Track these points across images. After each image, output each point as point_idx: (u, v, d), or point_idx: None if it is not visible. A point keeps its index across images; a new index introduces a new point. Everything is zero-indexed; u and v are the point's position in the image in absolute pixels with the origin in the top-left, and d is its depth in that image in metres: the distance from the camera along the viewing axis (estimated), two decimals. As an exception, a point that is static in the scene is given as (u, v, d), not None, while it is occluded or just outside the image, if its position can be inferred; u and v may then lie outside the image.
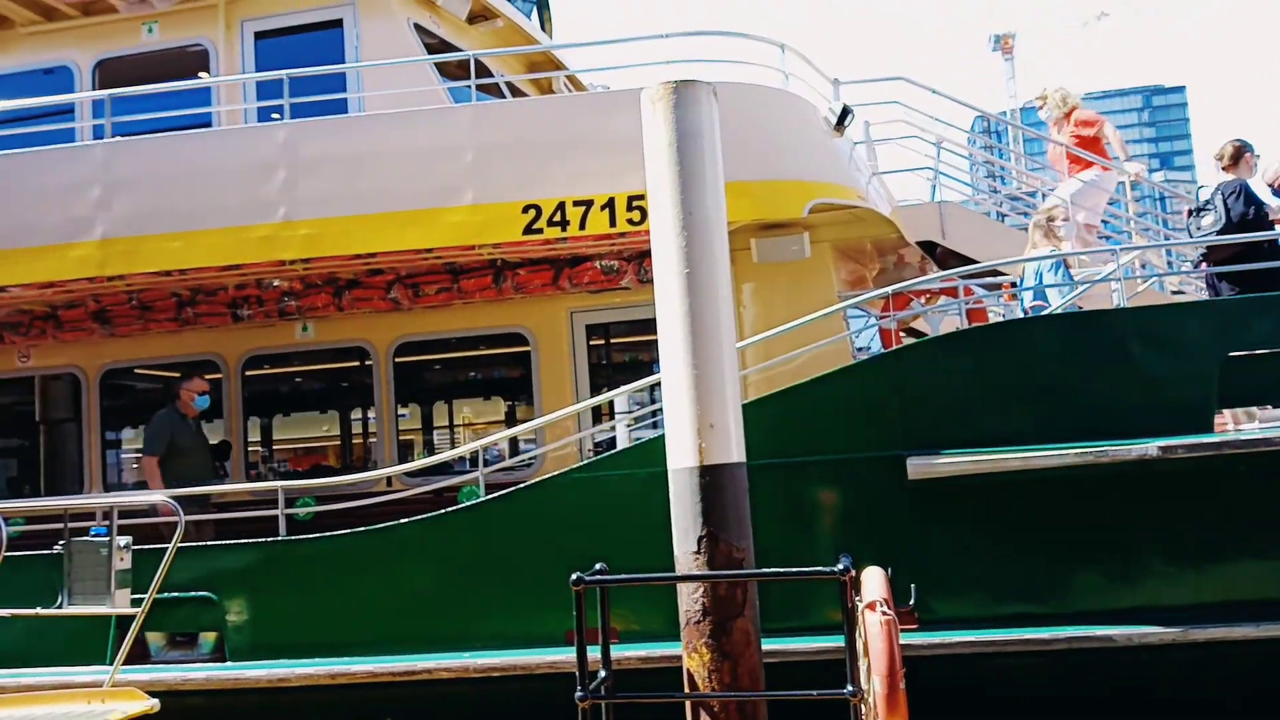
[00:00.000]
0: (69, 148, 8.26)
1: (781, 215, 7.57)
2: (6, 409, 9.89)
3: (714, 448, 4.71)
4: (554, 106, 8.72)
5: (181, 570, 6.32)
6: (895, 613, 4.38)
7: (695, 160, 4.84)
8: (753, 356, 7.40)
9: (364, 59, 8.93)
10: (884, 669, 4.15)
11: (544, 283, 8.22)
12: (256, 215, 7.50)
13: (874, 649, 4.22)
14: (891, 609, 4.37)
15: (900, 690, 4.12)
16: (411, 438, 9.53)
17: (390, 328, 8.85)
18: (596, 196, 7.21)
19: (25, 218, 7.83)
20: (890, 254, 9.58)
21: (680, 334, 4.77)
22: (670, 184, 4.85)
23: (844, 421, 6.24)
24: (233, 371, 9.12)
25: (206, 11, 9.44)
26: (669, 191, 4.85)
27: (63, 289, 8.05)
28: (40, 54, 9.85)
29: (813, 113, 7.92)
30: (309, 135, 7.68)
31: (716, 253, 4.84)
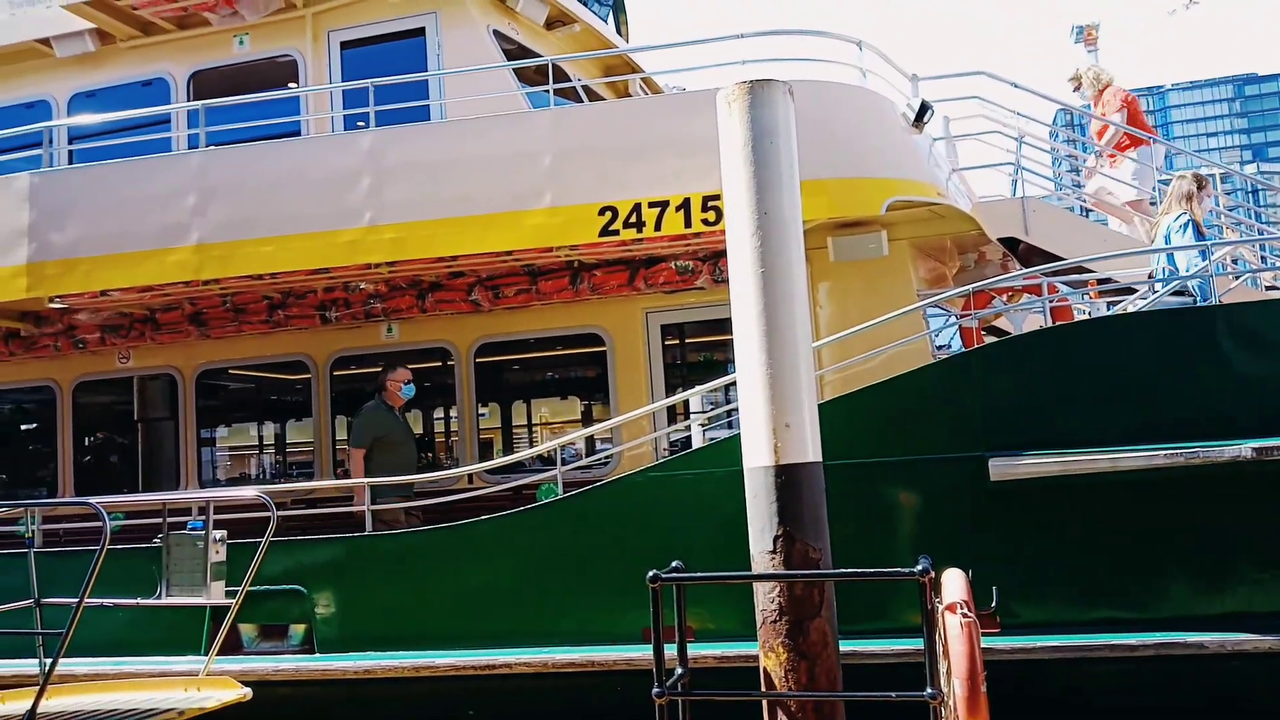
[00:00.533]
0: (166, 157, 8.62)
1: (859, 213, 7.51)
2: (107, 408, 10.35)
3: (790, 447, 4.70)
4: (630, 109, 8.79)
5: (273, 564, 6.56)
6: (976, 615, 4.32)
7: (771, 160, 4.85)
8: (829, 356, 7.36)
9: (445, 66, 9.13)
10: (965, 672, 4.10)
11: (620, 283, 8.30)
12: (343, 220, 7.72)
13: (955, 651, 4.18)
14: (972, 611, 4.31)
15: (982, 693, 4.07)
16: (491, 436, 9.71)
17: (471, 329, 9.04)
18: (672, 197, 7.25)
19: (126, 224, 8.18)
20: (971, 251, 9.41)
21: (756, 333, 4.77)
22: (746, 184, 4.86)
23: (923, 422, 6.17)
24: (321, 371, 9.41)
25: (295, 23, 9.75)
26: (745, 191, 4.87)
27: (160, 292, 8.40)
28: (139, 67, 10.29)
29: (891, 109, 7.84)
30: (393, 142, 7.88)
31: (792, 252, 4.84)
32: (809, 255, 6.75)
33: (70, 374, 10.06)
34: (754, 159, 4.84)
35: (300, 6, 9.67)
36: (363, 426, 8.09)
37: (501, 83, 8.79)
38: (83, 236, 8.21)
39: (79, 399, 10.10)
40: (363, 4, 9.60)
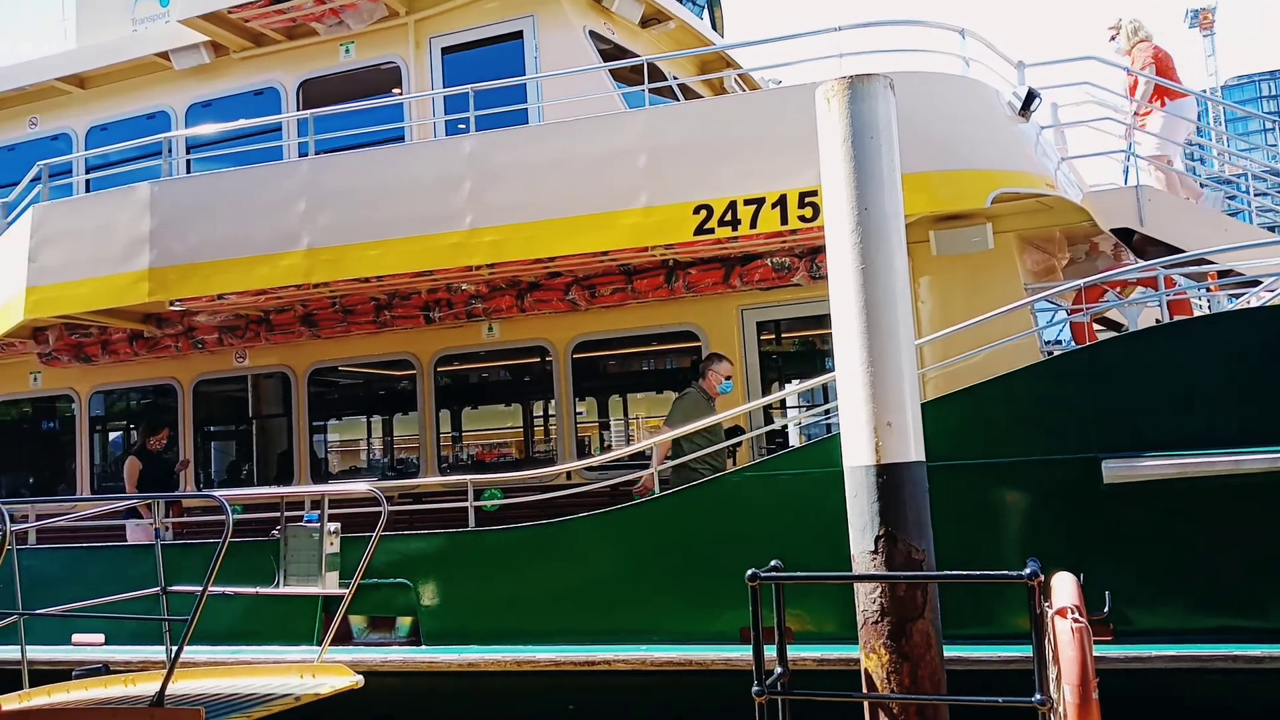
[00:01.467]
0: (277, 165, 8.97)
1: (962, 206, 7.32)
2: (225, 405, 10.82)
3: (892, 446, 4.62)
4: (724, 107, 8.75)
5: (381, 557, 6.77)
6: (1088, 620, 4.18)
7: (872, 155, 4.76)
8: (932, 354, 7.20)
9: (543, 68, 9.25)
10: (1075, 678, 3.97)
11: (715, 281, 8.27)
12: (446, 224, 7.90)
13: (1065, 657, 4.05)
14: (1084, 616, 4.17)
15: (1094, 700, 3.94)
16: (588, 432, 9.81)
17: (568, 327, 9.15)
18: (768, 194, 7.20)
19: (241, 230, 8.53)
20: (1081, 243, 9.07)
21: (856, 330, 4.70)
22: (846, 180, 4.79)
23: (1033, 422, 5.98)
24: (425, 369, 9.66)
25: (398, 31, 10.02)
26: (845, 187, 4.80)
27: (274, 295, 8.73)
28: (251, 77, 10.73)
29: (995, 98, 7.62)
30: (493, 146, 8.02)
31: (894, 248, 4.75)
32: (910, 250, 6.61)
33: (191, 373, 10.56)
34: (854, 155, 4.76)
35: (403, 14, 9.94)
36: (682, 412, 7.82)
37: (598, 83, 8.86)
38: (200, 242, 8.59)
39: (199, 397, 10.59)
40: (462, 10, 9.81)
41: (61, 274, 9.03)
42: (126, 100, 11.34)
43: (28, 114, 11.94)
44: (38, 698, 5.76)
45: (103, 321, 9.75)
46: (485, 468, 10.00)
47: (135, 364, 10.58)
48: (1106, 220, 8.29)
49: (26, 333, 10.13)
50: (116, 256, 8.79)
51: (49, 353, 10.45)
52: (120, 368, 10.72)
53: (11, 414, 11.80)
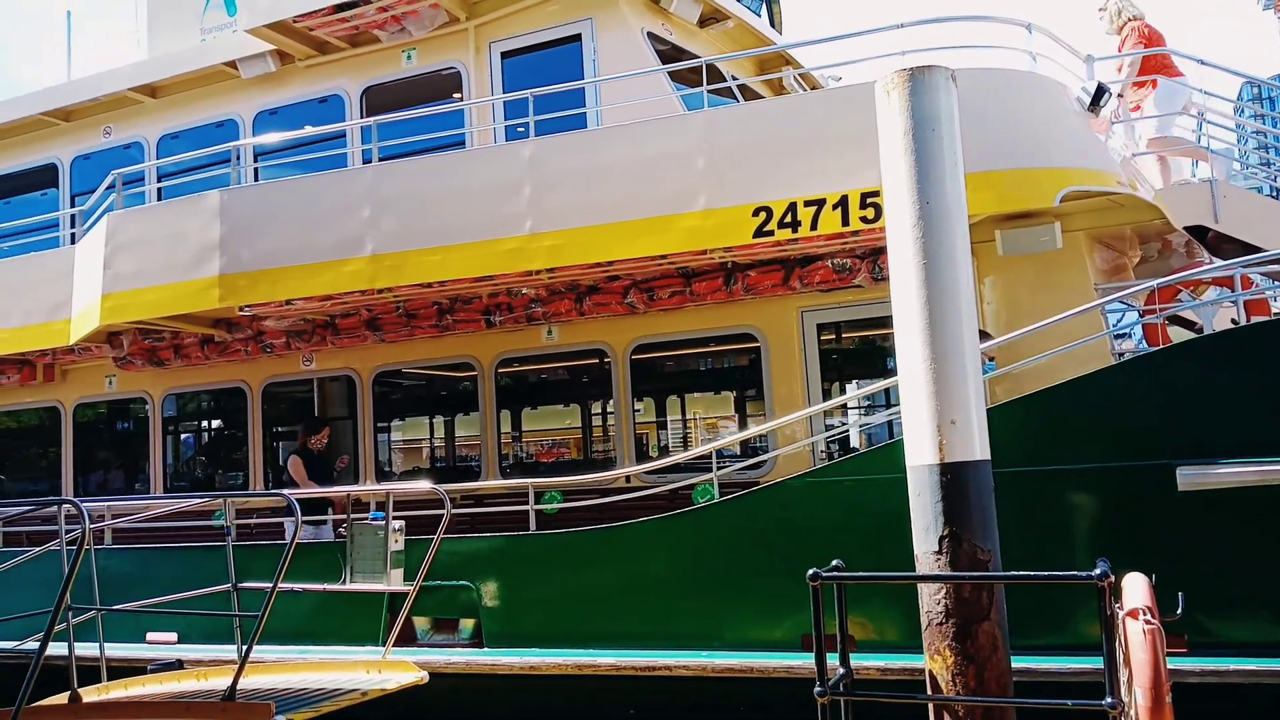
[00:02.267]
0: (342, 172, 9.11)
1: (1031, 205, 7.16)
2: (293, 407, 11.04)
3: (956, 444, 4.52)
4: (782, 107, 8.69)
5: (443, 558, 6.85)
6: (1161, 622, 4.04)
7: (933, 148, 4.67)
8: (999, 357, 7.06)
9: (601, 70, 9.27)
10: (1148, 680, 3.84)
11: (774, 283, 8.21)
12: (506, 229, 7.96)
13: (1136, 660, 3.91)
14: (1156, 618, 4.04)
15: (1167, 704, 3.80)
16: (646, 432, 9.81)
17: (627, 330, 9.15)
18: (828, 195, 7.12)
19: (307, 237, 8.69)
20: (1154, 241, 8.82)
21: (918, 327, 4.61)
22: (907, 174, 4.71)
23: (1104, 427, 5.83)
24: (486, 372, 9.75)
25: (458, 36, 10.13)
26: (906, 181, 4.71)
27: (339, 300, 8.88)
28: (316, 85, 10.94)
29: (1063, 94, 7.44)
30: (552, 151, 8.05)
31: (957, 241, 4.65)
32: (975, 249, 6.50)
33: (260, 376, 10.80)
34: (915, 148, 4.68)
35: (463, 20, 10.05)
36: None
37: (656, 85, 8.86)
38: (268, 249, 8.77)
39: (268, 399, 10.82)
40: (522, 14, 9.88)
41: (135, 280, 9.29)
42: (196, 109, 11.64)
43: (102, 123, 12.33)
44: (115, 691, 5.94)
45: (175, 326, 10.01)
46: (544, 467, 10.06)
47: (206, 367, 10.85)
48: (1180, 218, 8.05)
49: (102, 337, 10.44)
50: (188, 263, 9.01)
51: (124, 357, 10.76)
52: (192, 371, 11.00)
53: (88, 416, 12.18)
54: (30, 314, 10.78)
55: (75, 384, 12.07)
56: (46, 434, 12.29)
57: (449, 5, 9.86)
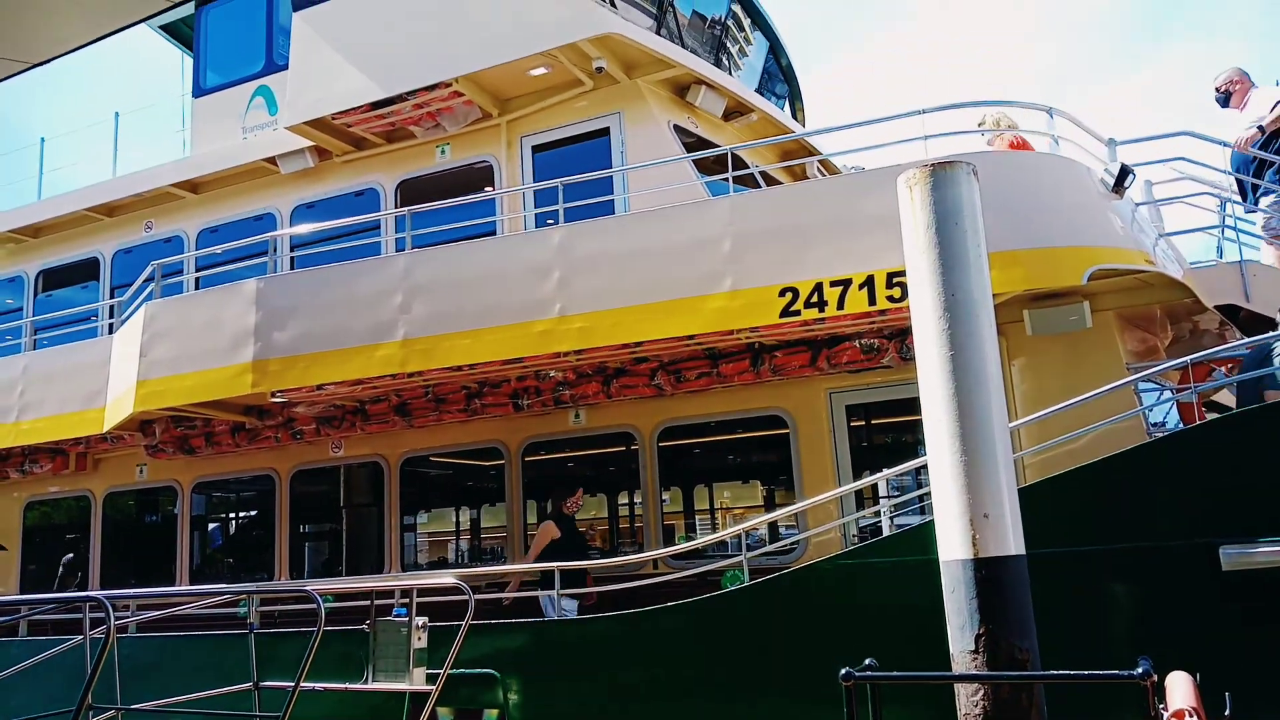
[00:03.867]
0: (375, 260, 9.28)
1: (1058, 284, 7.15)
2: (317, 495, 11.05)
3: (990, 539, 4.43)
4: (807, 191, 8.79)
5: (467, 648, 6.73)
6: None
7: (957, 241, 4.69)
8: (1030, 437, 6.96)
9: (629, 162, 9.48)
10: (1197, 785, 3.66)
11: (802, 364, 8.20)
12: (535, 312, 8.04)
13: (1186, 762, 3.74)
14: (1203, 719, 3.87)
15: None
16: (674, 520, 9.71)
17: (654, 413, 9.14)
18: (854, 275, 7.15)
19: (340, 323, 8.82)
20: (1184, 320, 8.75)
21: (947, 422, 4.56)
22: (930, 266, 4.72)
23: (1142, 506, 5.68)
24: (514, 457, 9.73)
25: (491, 131, 10.44)
26: (929, 274, 4.72)
27: (370, 385, 8.96)
28: (352, 179, 11.26)
29: (1088, 175, 7.50)
30: (581, 236, 8.19)
31: (984, 334, 4.63)
32: (1004, 329, 6.46)
33: (288, 463, 10.85)
34: (938, 241, 4.69)
35: (496, 116, 10.37)
36: None
37: (682, 174, 9.03)
38: (302, 335, 8.90)
39: (295, 487, 10.84)
40: (553, 110, 10.18)
41: (170, 368, 9.44)
42: (235, 203, 12.00)
43: (144, 218, 12.73)
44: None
45: (207, 414, 10.12)
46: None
47: (235, 455, 10.93)
48: (1210, 297, 8.00)
49: (135, 425, 10.57)
50: (222, 349, 9.16)
51: (155, 445, 10.87)
52: (221, 459, 11.08)
53: (118, 505, 12.26)
54: (66, 403, 10.97)
55: (106, 473, 12.20)
56: (77, 523, 12.36)
57: (482, 102, 10.18)
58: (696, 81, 10.10)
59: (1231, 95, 8.85)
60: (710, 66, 10.70)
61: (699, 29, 12.30)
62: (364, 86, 10.21)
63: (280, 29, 11.91)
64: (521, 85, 10.13)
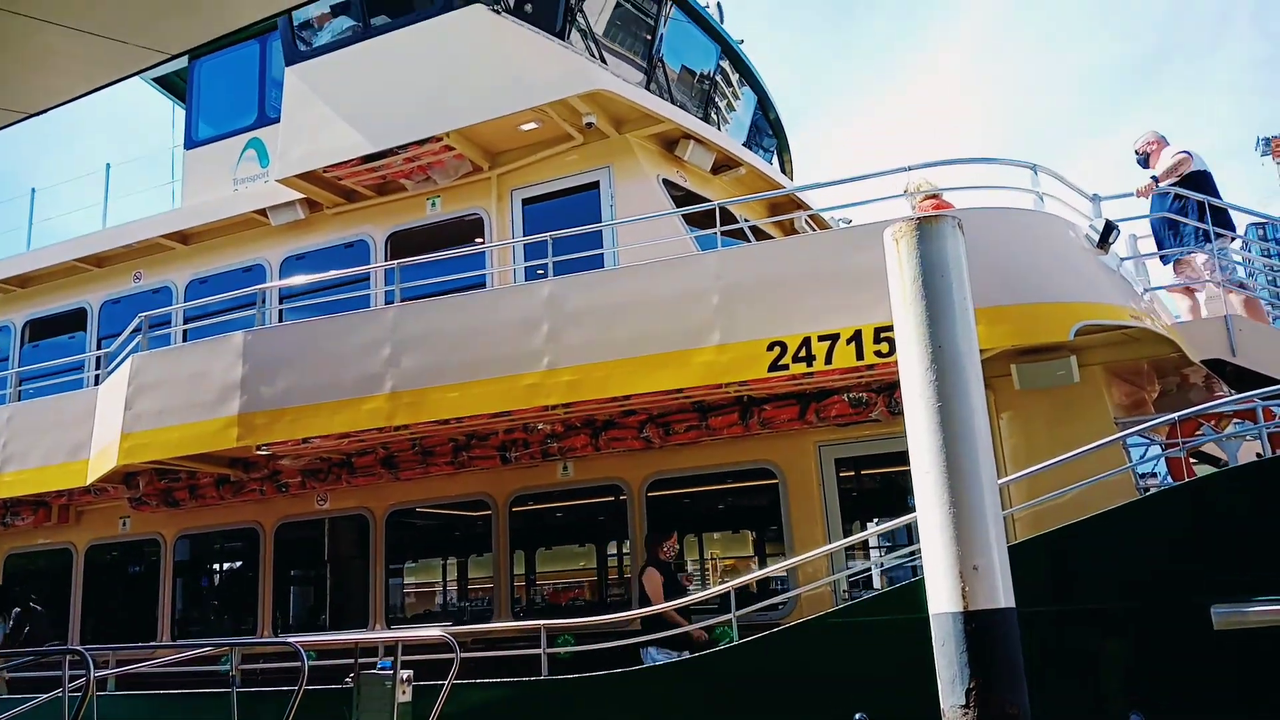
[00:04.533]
0: (364, 312, 9.28)
1: (1045, 339, 7.19)
2: (303, 548, 10.89)
3: (979, 592, 4.39)
4: (795, 246, 8.86)
5: (454, 705, 6.62)
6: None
7: (942, 295, 4.72)
8: (1019, 493, 6.95)
9: (618, 215, 9.55)
10: None
11: (790, 417, 8.19)
12: (524, 365, 8.03)
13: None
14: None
15: None
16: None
17: (643, 466, 9.09)
18: (842, 330, 7.18)
19: (327, 376, 8.78)
20: (1172, 375, 8.79)
21: (935, 474, 4.56)
22: (917, 320, 4.74)
23: (1132, 563, 5.66)
24: (501, 510, 9.65)
25: (481, 185, 10.51)
26: (917, 327, 4.74)
27: (356, 438, 8.90)
28: (343, 231, 11.29)
29: (1072, 231, 7.58)
30: (570, 289, 8.21)
31: (970, 387, 4.64)
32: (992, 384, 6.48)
33: (273, 516, 10.73)
34: (925, 295, 4.72)
35: (486, 169, 10.44)
36: None
37: (671, 228, 9.09)
38: (288, 388, 8.85)
39: (280, 540, 10.71)
40: (543, 164, 10.27)
41: (155, 420, 9.37)
42: (225, 254, 12.01)
43: (133, 269, 12.72)
44: None
45: (191, 466, 10.03)
46: (559, 610, 9.81)
47: (220, 508, 10.81)
48: (1197, 351, 8.05)
49: (119, 478, 10.45)
50: (208, 402, 9.10)
51: (139, 497, 10.75)
52: (205, 512, 10.96)
53: (100, 558, 12.08)
54: (50, 455, 10.86)
55: (89, 525, 12.04)
56: (58, 576, 12.16)
57: (473, 156, 10.27)
58: (685, 136, 10.22)
59: (1150, 156, 9.09)
60: (698, 121, 10.84)
61: (688, 83, 12.48)
62: (355, 140, 10.29)
63: (273, 82, 12.03)
64: (512, 139, 10.22)
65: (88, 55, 4.14)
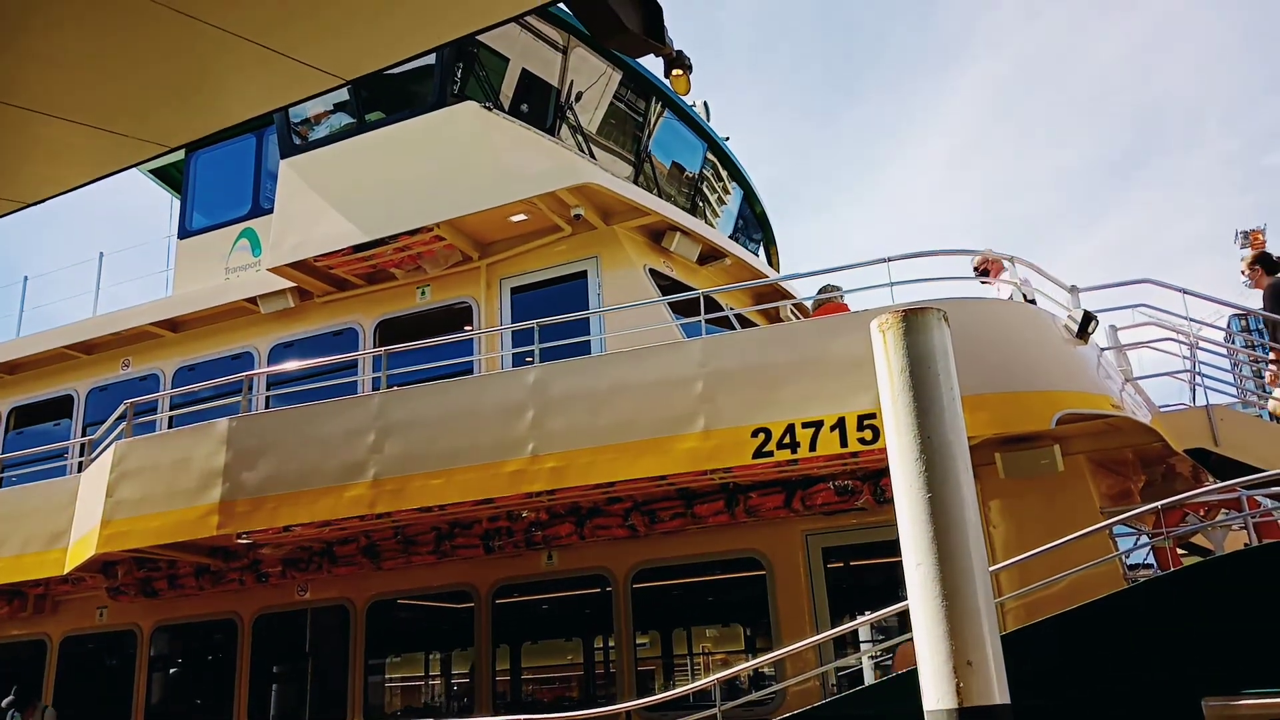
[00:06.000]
0: (350, 399, 9.28)
1: (1026, 428, 7.22)
2: (282, 639, 10.65)
3: (974, 688, 4.31)
4: (778, 334, 8.96)
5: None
6: None
7: (930, 385, 4.75)
8: (1009, 581, 6.89)
9: (605, 304, 9.65)
10: None
11: (777, 505, 8.15)
12: (508, 452, 8.01)
13: None
14: None
15: None
16: (652, 665, 9.40)
17: (628, 554, 8.98)
18: (826, 417, 7.20)
19: (310, 463, 8.72)
20: (1157, 464, 8.81)
21: (926, 566, 4.50)
22: (906, 409, 4.76)
23: (1123, 655, 5.59)
24: (484, 600, 9.48)
25: (471, 274, 10.65)
26: (905, 416, 4.76)
27: (338, 527, 8.80)
28: (332, 319, 11.37)
29: (1051, 322, 7.69)
30: (555, 376, 8.24)
31: (960, 478, 4.63)
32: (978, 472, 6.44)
33: (252, 607, 10.52)
34: (912, 384, 4.75)
35: (476, 259, 10.59)
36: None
37: (657, 316, 9.19)
38: (271, 475, 8.79)
39: (259, 631, 10.48)
40: (532, 254, 10.42)
41: (136, 508, 9.26)
42: (214, 342, 12.06)
43: (121, 356, 12.74)
44: None
45: (171, 555, 9.87)
46: (543, 706, 9.56)
47: (197, 599, 10.60)
48: (1180, 441, 8.09)
49: (97, 566, 10.28)
50: (190, 490, 9.01)
51: (117, 587, 10.55)
52: (183, 602, 10.75)
53: (75, 649, 11.78)
54: (28, 543, 10.69)
55: (65, 616, 11.78)
56: (30, 668, 11.84)
57: (462, 246, 10.43)
58: (671, 228, 10.41)
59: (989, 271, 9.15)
60: (684, 214, 11.07)
61: (677, 178, 12.78)
62: (347, 230, 10.45)
63: (268, 174, 12.26)
64: (502, 230, 10.40)
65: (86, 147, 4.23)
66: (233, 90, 4.02)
